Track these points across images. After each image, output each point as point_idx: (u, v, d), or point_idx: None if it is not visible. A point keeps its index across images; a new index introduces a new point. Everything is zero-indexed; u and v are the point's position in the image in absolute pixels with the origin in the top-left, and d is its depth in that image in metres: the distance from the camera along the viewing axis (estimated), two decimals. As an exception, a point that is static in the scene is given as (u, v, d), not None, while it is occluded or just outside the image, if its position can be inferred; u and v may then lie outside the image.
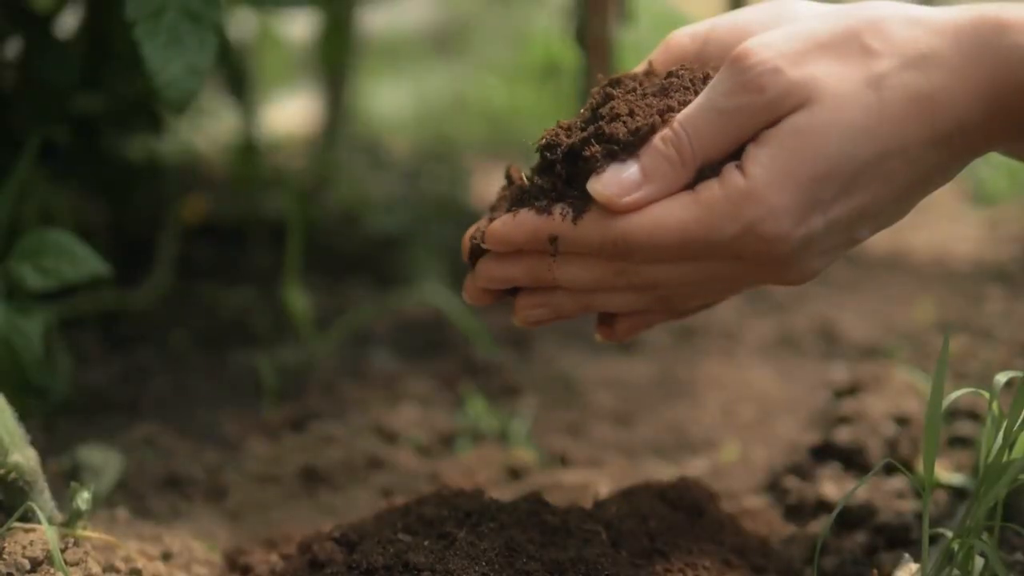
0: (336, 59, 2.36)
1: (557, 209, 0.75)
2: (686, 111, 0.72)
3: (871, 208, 0.73)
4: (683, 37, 0.85)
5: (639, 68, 0.86)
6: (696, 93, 0.76)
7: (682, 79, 0.78)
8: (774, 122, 0.70)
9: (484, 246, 0.79)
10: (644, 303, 0.78)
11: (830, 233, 0.73)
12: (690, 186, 0.73)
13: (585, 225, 0.74)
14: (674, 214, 0.72)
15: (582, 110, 0.79)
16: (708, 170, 0.72)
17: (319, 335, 1.49)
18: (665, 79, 0.78)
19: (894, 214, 0.76)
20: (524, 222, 0.76)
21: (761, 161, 0.70)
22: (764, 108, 0.70)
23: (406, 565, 0.77)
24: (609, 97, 0.77)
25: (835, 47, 0.71)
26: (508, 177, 0.85)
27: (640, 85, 0.79)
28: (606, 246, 0.73)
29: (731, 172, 0.71)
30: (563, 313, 0.80)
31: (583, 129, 0.77)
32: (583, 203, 0.74)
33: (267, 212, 1.92)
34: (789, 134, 0.70)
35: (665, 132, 0.72)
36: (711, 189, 0.71)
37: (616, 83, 0.80)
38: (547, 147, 0.77)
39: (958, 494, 1.00)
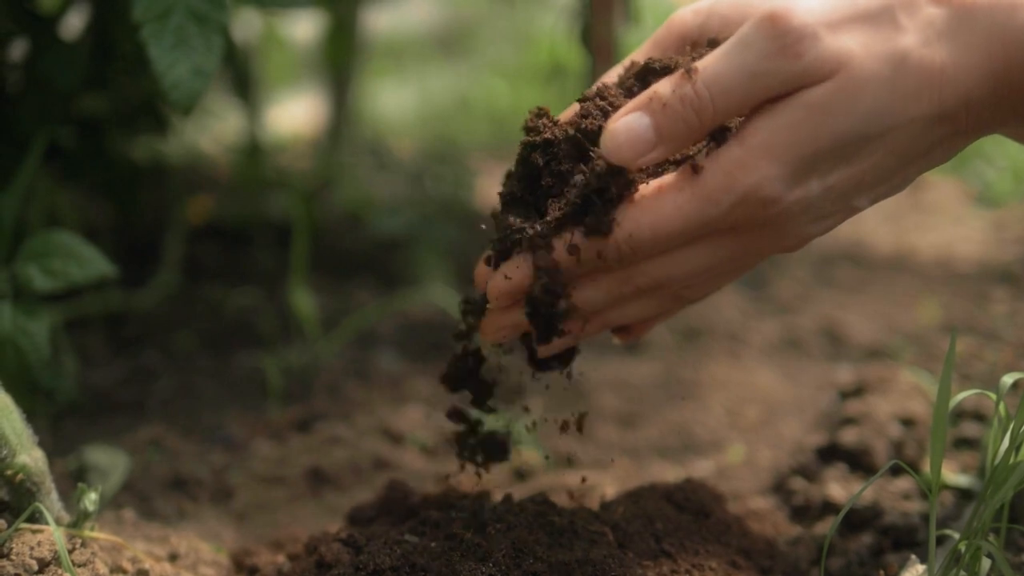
0: (340, 60, 2.36)
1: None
2: (712, 70, 0.70)
3: (870, 177, 0.72)
4: (685, 14, 0.84)
5: (627, 59, 0.86)
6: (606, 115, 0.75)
7: (605, 97, 0.78)
8: (795, 90, 0.69)
9: (489, 305, 0.78)
10: (656, 306, 0.78)
11: (827, 199, 0.72)
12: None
13: (581, 243, 0.73)
14: (671, 200, 0.71)
15: (514, 165, 0.79)
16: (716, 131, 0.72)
17: (324, 336, 1.49)
18: (583, 103, 0.78)
19: (894, 185, 0.75)
20: (521, 266, 0.75)
21: (763, 132, 0.69)
22: (795, 76, 0.68)
23: (413, 566, 0.77)
24: (531, 146, 0.77)
25: (871, 19, 0.70)
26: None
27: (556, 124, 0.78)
28: (611, 251, 0.73)
29: (726, 141, 0.71)
30: (582, 336, 0.80)
31: (518, 180, 0.78)
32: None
33: (272, 213, 1.92)
34: (801, 107, 0.69)
35: (686, 91, 0.69)
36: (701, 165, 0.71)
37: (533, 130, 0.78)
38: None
39: (964, 495, 1.00)
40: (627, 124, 0.71)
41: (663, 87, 0.70)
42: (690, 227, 0.72)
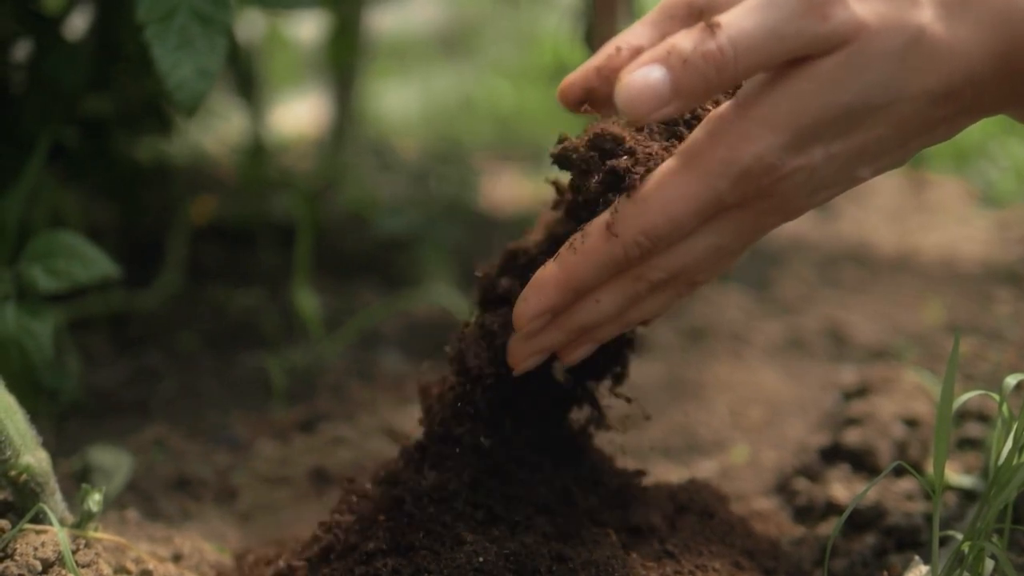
0: (344, 60, 2.36)
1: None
2: (737, 26, 0.67)
3: (873, 148, 0.71)
4: None
5: (612, 42, 0.85)
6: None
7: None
8: (808, 57, 0.68)
9: (518, 333, 0.78)
10: (672, 296, 0.78)
11: (830, 167, 0.71)
12: None
13: (597, 249, 0.73)
14: (677, 184, 0.70)
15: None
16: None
17: (328, 336, 1.50)
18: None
19: (896, 158, 0.74)
20: (545, 285, 0.75)
21: (766, 103, 0.68)
22: (817, 39, 0.67)
23: (418, 569, 0.78)
24: None
25: None
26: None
27: None
28: (630, 249, 0.72)
29: (725, 108, 0.70)
30: (605, 339, 0.80)
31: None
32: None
33: (275, 213, 1.93)
34: (807, 78, 0.68)
35: (708, 47, 0.66)
36: (698, 142, 0.70)
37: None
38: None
39: (967, 496, 1.00)
40: (644, 77, 0.67)
41: (683, 41, 0.67)
42: (702, 206, 0.70)
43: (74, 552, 0.82)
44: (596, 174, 0.75)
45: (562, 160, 0.79)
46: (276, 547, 0.95)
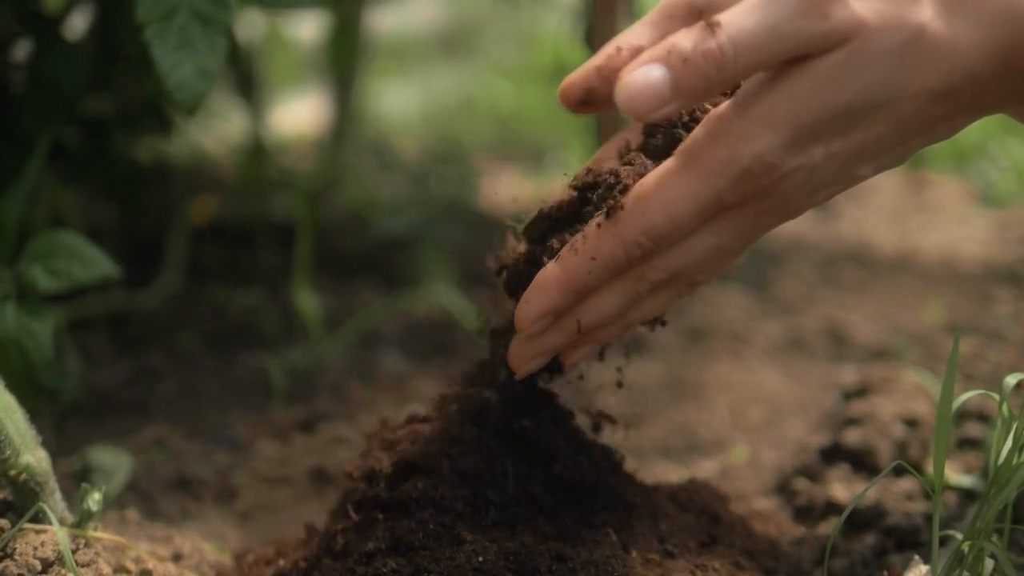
0: (344, 60, 2.36)
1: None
2: (737, 25, 0.66)
3: (872, 146, 0.71)
4: None
5: (613, 42, 0.85)
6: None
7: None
8: (807, 56, 0.68)
9: (520, 335, 0.78)
10: (672, 295, 0.78)
11: (830, 166, 0.71)
12: None
13: (599, 249, 0.73)
14: (677, 183, 0.70)
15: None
16: None
17: (328, 336, 1.50)
18: None
19: (896, 157, 0.74)
20: (547, 287, 0.75)
21: (765, 102, 0.68)
22: (817, 37, 0.67)
23: (417, 568, 0.78)
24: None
25: None
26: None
27: None
28: (631, 250, 0.72)
29: (725, 107, 0.70)
30: (607, 341, 0.80)
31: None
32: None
33: (275, 213, 1.93)
34: (806, 77, 0.68)
35: (709, 46, 0.66)
36: (698, 142, 0.70)
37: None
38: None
39: (967, 496, 1.00)
40: (644, 76, 0.67)
41: (683, 39, 0.67)
42: (703, 206, 0.70)
43: (74, 552, 0.82)
44: (546, 256, 0.76)
45: (512, 279, 0.81)
46: (276, 547, 0.95)
